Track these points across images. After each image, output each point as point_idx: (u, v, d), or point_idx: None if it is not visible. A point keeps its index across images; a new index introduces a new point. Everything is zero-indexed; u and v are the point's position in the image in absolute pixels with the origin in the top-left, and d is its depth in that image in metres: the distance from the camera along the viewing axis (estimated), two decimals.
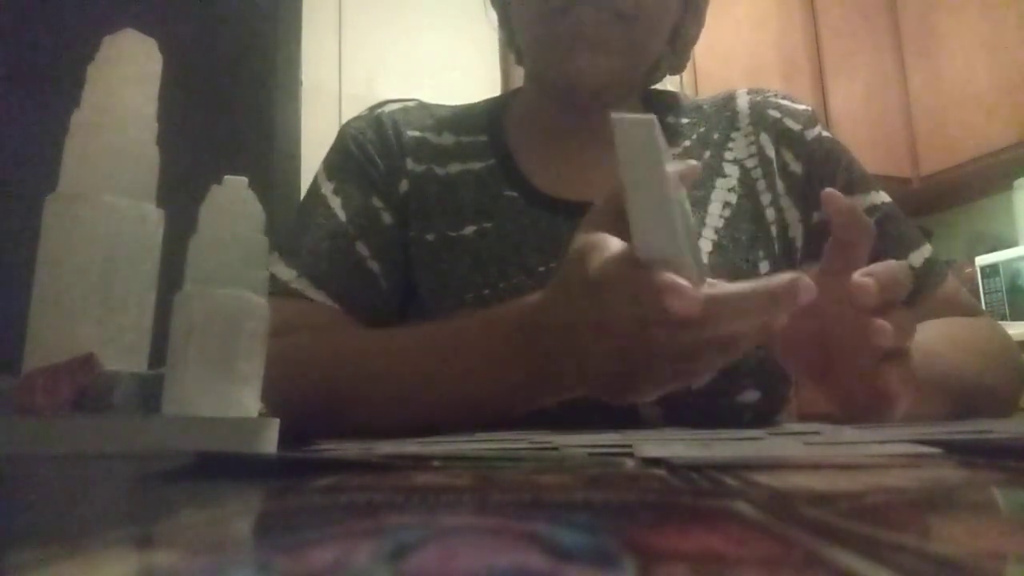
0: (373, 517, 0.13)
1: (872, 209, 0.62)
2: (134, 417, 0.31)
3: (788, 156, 0.65)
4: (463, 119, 0.68)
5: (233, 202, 0.36)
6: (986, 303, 2.24)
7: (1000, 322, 2.19)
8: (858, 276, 0.37)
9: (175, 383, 0.32)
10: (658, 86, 0.73)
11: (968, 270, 2.35)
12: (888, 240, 0.61)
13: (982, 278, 2.27)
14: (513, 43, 0.68)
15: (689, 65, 0.72)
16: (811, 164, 0.64)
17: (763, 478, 0.18)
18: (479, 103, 0.71)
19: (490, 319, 0.48)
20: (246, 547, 0.12)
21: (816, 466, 0.21)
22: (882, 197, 0.64)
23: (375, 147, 0.64)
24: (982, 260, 2.28)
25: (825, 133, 0.67)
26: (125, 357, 0.33)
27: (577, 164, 0.65)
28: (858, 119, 2.44)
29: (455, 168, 0.64)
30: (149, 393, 0.32)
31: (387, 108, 0.68)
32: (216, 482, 0.21)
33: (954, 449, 0.23)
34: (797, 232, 0.63)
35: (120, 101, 0.36)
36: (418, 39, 2.17)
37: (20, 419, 0.30)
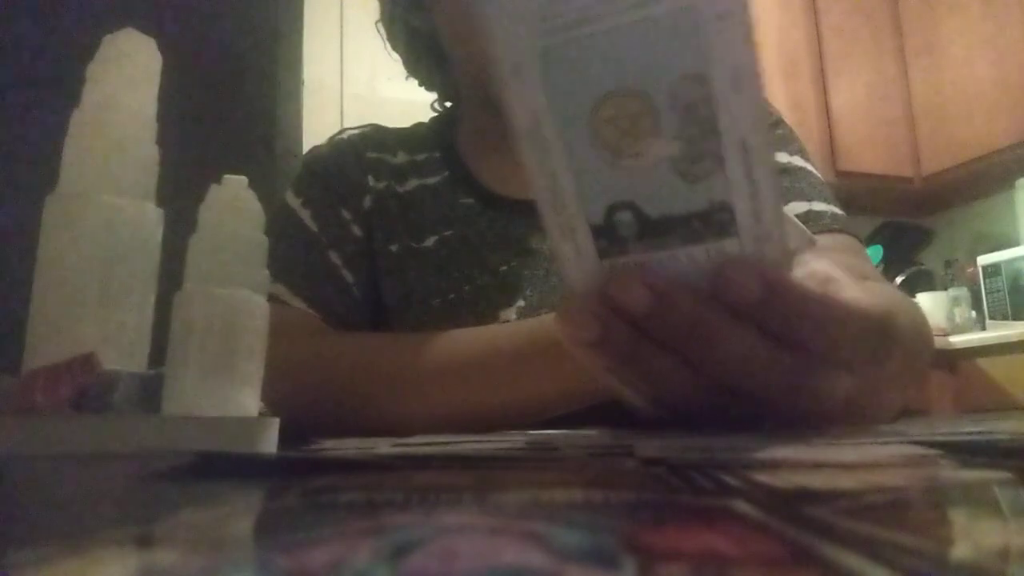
0: (373, 517, 0.13)
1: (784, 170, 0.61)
2: (134, 417, 0.31)
3: None
4: (416, 139, 0.71)
5: (233, 202, 0.36)
6: (988, 303, 2.24)
7: (1001, 322, 2.20)
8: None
9: (175, 383, 0.32)
10: None
11: (970, 270, 2.35)
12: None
13: (984, 278, 2.27)
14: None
15: None
16: None
17: (763, 478, 0.17)
18: (429, 121, 0.75)
19: (522, 329, 0.50)
20: (246, 547, 0.12)
21: (816, 466, 0.21)
22: (798, 162, 0.63)
23: (338, 167, 0.67)
24: (984, 260, 2.28)
25: (780, 131, 0.66)
26: (125, 357, 0.33)
27: None
28: (859, 119, 2.44)
29: (413, 184, 0.67)
30: (149, 393, 0.32)
31: (345, 135, 0.72)
32: (216, 482, 0.21)
33: (954, 449, 0.23)
34: None
35: (120, 101, 0.36)
36: None
37: (20, 419, 0.30)
